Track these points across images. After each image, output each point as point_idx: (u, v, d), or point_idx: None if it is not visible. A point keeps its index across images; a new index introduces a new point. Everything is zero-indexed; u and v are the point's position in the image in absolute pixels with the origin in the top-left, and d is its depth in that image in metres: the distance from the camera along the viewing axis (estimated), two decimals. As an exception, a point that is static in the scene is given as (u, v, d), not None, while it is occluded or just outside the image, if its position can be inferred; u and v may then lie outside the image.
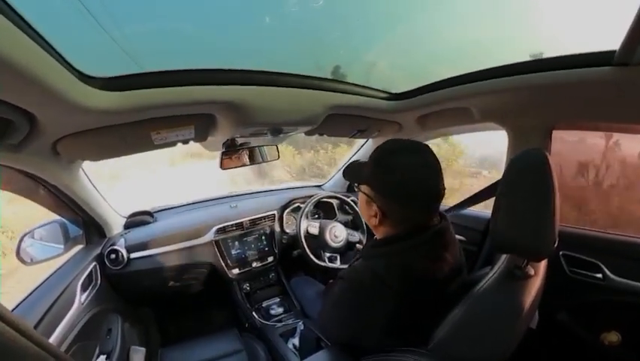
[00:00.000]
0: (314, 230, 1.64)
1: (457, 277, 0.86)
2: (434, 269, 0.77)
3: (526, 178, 0.71)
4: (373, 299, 0.77)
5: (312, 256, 1.55)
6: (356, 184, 0.88)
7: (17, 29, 0.45)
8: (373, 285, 0.77)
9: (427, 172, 0.76)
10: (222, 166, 1.31)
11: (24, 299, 0.95)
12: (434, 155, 0.78)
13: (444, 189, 0.77)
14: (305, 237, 1.60)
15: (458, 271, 0.85)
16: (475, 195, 1.19)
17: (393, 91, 1.25)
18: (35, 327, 0.85)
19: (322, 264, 1.56)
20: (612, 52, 0.70)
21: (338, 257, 1.64)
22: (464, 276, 0.91)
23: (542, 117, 1.01)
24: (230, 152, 1.31)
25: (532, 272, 0.76)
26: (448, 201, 1.24)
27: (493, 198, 0.79)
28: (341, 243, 1.63)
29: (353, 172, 0.93)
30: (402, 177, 0.75)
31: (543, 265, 0.82)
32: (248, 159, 1.37)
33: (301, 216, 1.63)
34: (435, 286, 0.79)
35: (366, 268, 0.82)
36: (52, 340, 0.90)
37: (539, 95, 0.91)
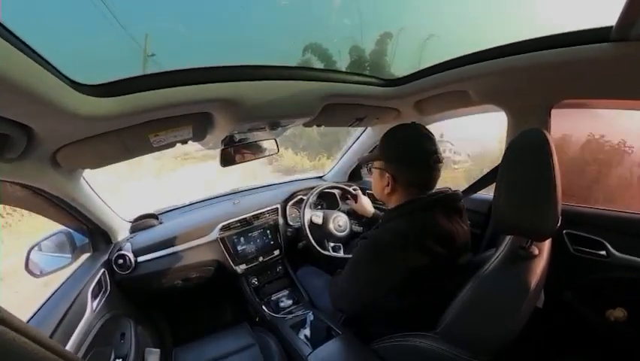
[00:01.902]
0: (318, 220, 1.65)
1: (466, 251, 0.94)
2: (449, 228, 0.87)
3: (527, 158, 0.71)
4: (396, 253, 0.84)
5: (316, 246, 1.56)
6: (370, 165, 1.08)
7: (5, 42, 0.45)
8: (396, 240, 0.85)
9: (425, 139, 0.92)
10: (223, 163, 1.30)
11: (37, 311, 0.97)
12: (428, 130, 0.95)
13: (441, 153, 0.92)
14: (309, 227, 1.61)
15: (466, 246, 0.94)
16: (479, 180, 1.19)
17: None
18: (51, 337, 0.86)
19: (326, 253, 1.56)
20: (609, 28, 0.69)
21: (342, 247, 1.65)
22: (470, 255, 0.94)
23: (541, 97, 1.00)
24: (230, 148, 1.31)
25: (536, 252, 0.77)
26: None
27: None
28: (345, 233, 1.63)
29: (365, 157, 1.20)
30: (405, 144, 0.93)
31: (547, 244, 0.83)
32: (247, 155, 1.37)
33: (305, 206, 1.63)
34: (453, 244, 0.87)
35: (387, 228, 0.91)
36: (68, 348, 0.91)
37: (537, 74, 0.91)
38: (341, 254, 1.59)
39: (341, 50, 11.22)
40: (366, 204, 1.63)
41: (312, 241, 1.57)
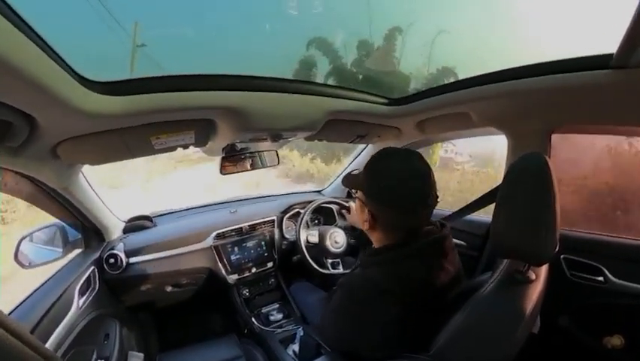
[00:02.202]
0: (314, 238, 1.63)
1: (456, 286, 0.85)
2: (433, 277, 0.78)
3: (527, 182, 0.71)
4: (371, 308, 0.77)
5: (314, 265, 1.55)
6: (353, 191, 0.91)
7: (18, 31, 0.45)
8: (371, 293, 0.77)
9: (415, 177, 0.78)
10: (222, 171, 1.31)
11: (21, 303, 0.95)
12: (425, 162, 0.80)
13: (434, 195, 0.79)
14: (306, 246, 1.60)
15: (457, 280, 0.85)
16: (476, 200, 1.19)
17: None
18: (32, 331, 0.85)
19: (325, 272, 1.55)
20: (610, 55, 0.70)
21: (340, 263, 1.64)
22: (463, 285, 0.91)
23: (542, 121, 1.01)
24: (230, 157, 1.32)
25: (533, 276, 0.76)
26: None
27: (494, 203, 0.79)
28: (342, 248, 1.62)
29: (349, 180, 0.96)
30: (389, 181, 0.78)
31: (544, 269, 0.82)
32: (248, 165, 1.38)
33: (300, 226, 1.63)
34: (434, 295, 0.78)
35: (363, 276, 0.83)
36: (48, 344, 0.89)
37: (538, 99, 0.92)
38: (340, 270, 1.58)
39: (347, 45, 10.46)
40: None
41: (311, 261, 1.55)
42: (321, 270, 1.54)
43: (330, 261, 1.61)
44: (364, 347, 0.80)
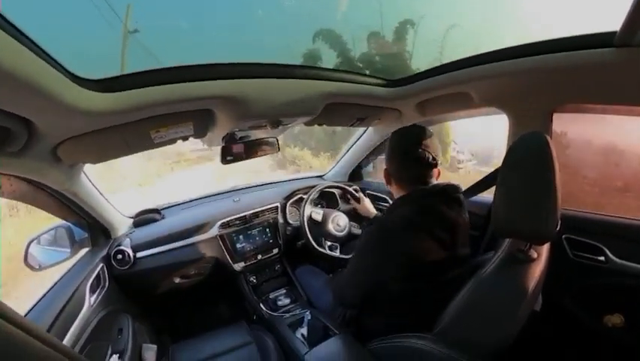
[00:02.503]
0: (317, 216, 1.66)
1: (466, 246, 0.98)
2: (450, 215, 0.92)
3: (527, 161, 0.71)
4: (401, 236, 0.89)
5: (313, 242, 1.57)
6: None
7: (7, 35, 0.44)
8: (401, 223, 0.91)
9: (410, 140, 0.97)
10: (223, 161, 1.30)
11: (35, 304, 0.97)
12: (426, 131, 0.98)
13: (426, 156, 0.95)
14: (308, 222, 1.61)
15: (466, 238, 0.99)
16: (481, 181, 1.19)
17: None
18: (48, 331, 0.86)
19: (322, 251, 1.57)
20: (613, 33, 0.69)
21: (339, 247, 1.66)
22: (469, 249, 1.00)
23: (543, 100, 1.00)
24: (230, 146, 1.30)
25: (534, 256, 0.77)
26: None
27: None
28: (343, 232, 1.64)
29: None
30: (393, 144, 1.02)
31: (546, 248, 0.83)
32: (248, 153, 1.37)
33: (306, 202, 1.64)
34: (452, 231, 0.92)
35: (392, 215, 0.98)
36: (64, 343, 0.91)
37: (540, 78, 0.90)
38: (337, 254, 1.59)
39: (356, 38, 10.08)
40: (369, 206, 1.66)
41: (310, 237, 1.57)
42: (318, 248, 1.56)
43: (329, 243, 1.63)
44: (389, 279, 0.91)
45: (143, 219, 1.59)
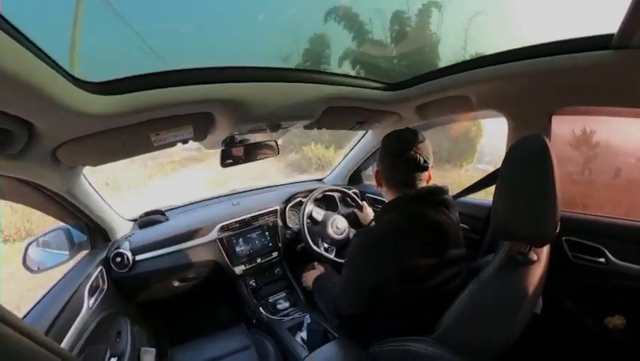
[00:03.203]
0: (318, 216, 1.68)
1: (459, 246, 0.97)
2: (436, 218, 0.91)
3: (526, 164, 0.71)
4: (389, 242, 0.89)
5: (310, 241, 1.57)
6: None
7: (9, 37, 0.45)
8: (387, 230, 0.92)
9: (402, 143, 0.97)
10: (222, 164, 1.31)
11: (33, 307, 0.96)
12: (417, 134, 0.99)
13: (418, 158, 0.95)
14: (307, 220, 1.63)
15: (459, 239, 0.98)
16: (477, 183, 1.19)
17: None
18: (46, 334, 0.86)
19: (317, 250, 1.57)
20: (610, 35, 0.69)
21: (335, 250, 1.66)
22: (464, 250, 0.99)
23: (542, 103, 1.00)
24: (230, 149, 1.31)
25: (535, 258, 0.77)
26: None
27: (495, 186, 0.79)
28: (341, 236, 1.64)
29: None
30: (385, 146, 1.02)
31: (546, 251, 0.83)
32: (248, 156, 1.37)
33: (308, 200, 1.66)
34: (442, 232, 0.91)
35: (379, 223, 1.00)
36: (62, 345, 0.91)
37: (538, 81, 0.91)
38: (332, 256, 1.59)
39: (373, 17, 8.64)
40: (370, 214, 1.71)
41: (307, 236, 1.57)
42: (313, 247, 1.57)
43: (325, 245, 1.64)
44: (385, 284, 0.90)
45: (148, 220, 1.59)
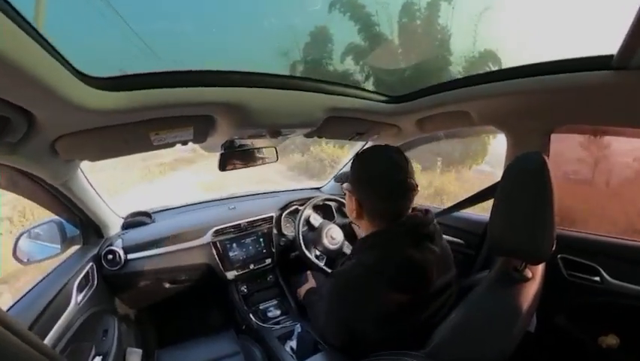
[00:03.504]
0: (315, 222, 1.68)
1: (446, 269, 0.89)
2: (419, 257, 0.82)
3: (524, 181, 0.72)
4: (365, 289, 0.81)
5: (302, 246, 1.57)
6: (343, 185, 0.98)
7: (17, 27, 0.45)
8: (363, 276, 0.82)
9: (393, 167, 0.85)
10: (221, 168, 1.31)
11: (19, 299, 0.95)
12: (404, 155, 0.88)
13: (412, 185, 0.85)
14: (303, 225, 1.63)
15: (446, 264, 0.89)
16: (472, 196, 1.19)
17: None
18: (30, 328, 0.85)
19: (308, 256, 1.57)
20: (610, 56, 0.70)
21: (325, 258, 1.65)
22: (454, 272, 0.93)
23: (541, 121, 1.02)
24: (229, 153, 1.31)
25: (530, 275, 0.77)
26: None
27: (491, 201, 0.80)
28: (335, 246, 1.63)
29: (342, 176, 1.04)
30: (370, 171, 0.88)
31: (541, 268, 0.83)
32: (246, 161, 1.37)
33: (308, 205, 1.67)
34: (423, 274, 0.81)
35: (355, 263, 0.88)
36: (47, 341, 0.89)
37: (538, 99, 0.92)
38: (321, 264, 1.58)
39: (379, 10, 8.32)
40: None
41: (301, 240, 1.58)
42: (305, 251, 1.57)
43: (317, 252, 1.63)
44: (360, 332, 0.83)
45: (133, 221, 1.58)
